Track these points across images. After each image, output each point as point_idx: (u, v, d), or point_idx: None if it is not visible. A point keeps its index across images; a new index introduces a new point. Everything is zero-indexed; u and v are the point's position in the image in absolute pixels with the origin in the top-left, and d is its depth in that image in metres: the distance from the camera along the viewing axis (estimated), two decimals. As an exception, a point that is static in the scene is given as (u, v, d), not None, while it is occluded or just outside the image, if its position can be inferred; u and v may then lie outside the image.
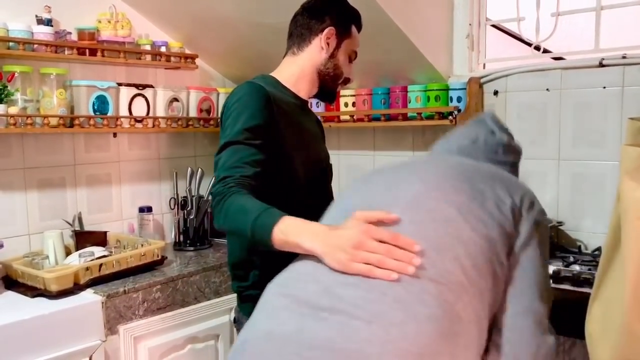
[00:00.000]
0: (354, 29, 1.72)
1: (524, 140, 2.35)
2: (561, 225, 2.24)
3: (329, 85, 1.71)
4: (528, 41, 2.52)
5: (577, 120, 2.24)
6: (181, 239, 2.76)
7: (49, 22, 2.34)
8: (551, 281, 1.85)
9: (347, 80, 1.74)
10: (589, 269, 1.91)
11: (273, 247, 1.20)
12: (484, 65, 2.56)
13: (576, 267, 1.94)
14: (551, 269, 1.90)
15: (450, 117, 2.38)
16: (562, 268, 1.90)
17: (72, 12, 2.49)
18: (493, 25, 2.83)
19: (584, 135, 2.23)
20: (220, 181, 1.37)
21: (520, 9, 2.41)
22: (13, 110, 2.19)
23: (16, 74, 2.22)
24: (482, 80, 2.43)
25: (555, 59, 2.47)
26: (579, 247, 2.20)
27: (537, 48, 2.40)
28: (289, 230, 1.18)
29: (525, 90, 2.36)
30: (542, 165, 2.33)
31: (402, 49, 2.38)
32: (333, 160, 2.94)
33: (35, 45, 2.27)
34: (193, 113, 2.82)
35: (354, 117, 2.67)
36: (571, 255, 2.10)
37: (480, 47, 2.55)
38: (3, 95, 2.15)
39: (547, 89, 2.29)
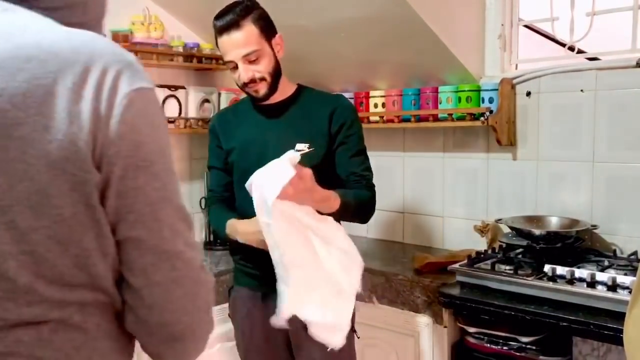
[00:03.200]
0: (219, 39, 1.76)
1: (557, 142, 2.33)
2: (595, 229, 2.20)
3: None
4: (562, 41, 2.48)
5: (613, 121, 2.19)
6: (211, 238, 2.79)
7: (84, 25, 2.39)
8: (585, 285, 1.83)
9: (244, 85, 1.78)
10: (625, 274, 1.87)
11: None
12: (516, 65, 2.53)
13: (611, 272, 1.90)
14: (585, 273, 1.87)
15: (482, 119, 2.36)
16: (596, 272, 1.86)
17: (106, 14, 2.53)
18: (525, 26, 2.80)
19: (619, 137, 2.18)
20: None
21: (554, 9, 2.37)
22: (50, 110, 2.24)
23: (53, 76, 2.27)
24: (514, 81, 2.40)
25: (590, 59, 2.42)
26: (614, 251, 2.16)
27: (571, 48, 2.36)
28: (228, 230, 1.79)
29: (559, 91, 2.32)
30: (576, 167, 2.29)
31: (433, 49, 2.36)
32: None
33: (72, 47, 2.32)
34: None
35: (384, 118, 2.66)
36: (606, 260, 2.06)
37: (512, 47, 2.52)
38: (40, 96, 2.20)
39: (582, 90, 2.25)
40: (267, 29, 1.75)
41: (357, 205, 1.77)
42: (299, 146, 1.63)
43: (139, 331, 0.82)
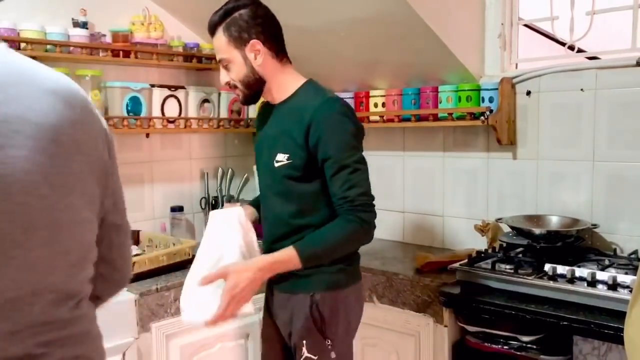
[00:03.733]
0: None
1: (557, 141, 2.33)
2: (596, 228, 2.20)
3: None
4: (562, 41, 2.48)
5: (613, 121, 2.19)
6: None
7: (84, 25, 2.39)
8: (585, 284, 1.83)
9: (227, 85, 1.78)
10: (625, 273, 1.87)
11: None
12: (516, 65, 2.53)
13: (612, 271, 1.90)
14: (585, 272, 1.87)
15: (482, 118, 2.36)
16: (597, 271, 1.86)
17: (106, 14, 2.53)
18: (525, 25, 2.79)
19: (620, 136, 2.18)
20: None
21: (554, 8, 2.37)
22: (50, 111, 2.24)
23: (53, 76, 2.27)
24: (514, 81, 2.40)
25: (590, 58, 2.42)
26: (614, 250, 2.16)
27: (571, 48, 2.36)
28: None
29: (559, 90, 2.32)
30: (576, 166, 2.29)
31: (433, 49, 2.36)
32: (362, 161, 2.95)
33: (71, 48, 2.32)
34: (224, 114, 2.85)
35: (384, 118, 2.66)
36: (606, 259, 2.07)
37: (512, 46, 2.52)
38: (40, 97, 2.20)
39: (582, 89, 2.25)
40: (237, 37, 1.68)
41: (327, 249, 1.61)
42: (279, 157, 1.67)
43: (104, 290, 1.07)
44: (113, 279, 1.09)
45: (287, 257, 1.59)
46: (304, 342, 1.69)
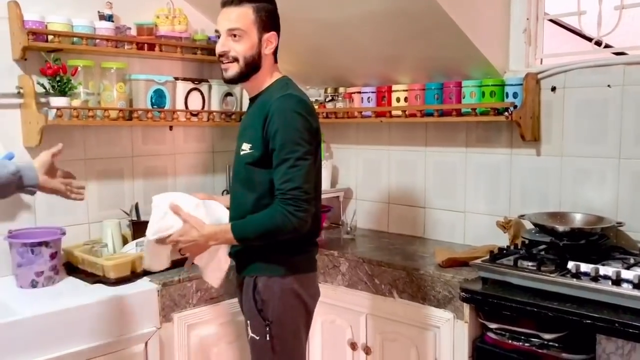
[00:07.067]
0: (219, 14, 1.84)
1: (582, 137, 2.30)
2: (621, 226, 2.17)
3: None
4: (588, 36, 2.44)
5: (640, 117, 2.16)
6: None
7: (110, 18, 2.41)
8: (610, 282, 1.81)
9: (218, 58, 1.86)
10: (651, 272, 1.85)
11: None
12: (541, 60, 2.50)
13: (637, 270, 1.87)
14: (610, 270, 1.85)
15: (506, 114, 2.34)
16: (622, 270, 1.84)
17: (131, 8, 2.56)
18: (551, 20, 2.76)
19: (647, 133, 2.15)
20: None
21: (581, 2, 2.34)
22: (76, 103, 2.27)
23: (79, 68, 2.30)
24: (539, 76, 2.37)
25: (617, 54, 2.38)
26: (640, 248, 2.13)
27: (598, 43, 2.33)
28: None
29: (585, 86, 2.29)
30: (601, 164, 2.26)
31: (457, 43, 2.34)
32: (383, 155, 2.95)
33: (97, 40, 2.35)
34: (246, 107, 2.86)
35: (406, 113, 2.65)
36: (632, 257, 2.03)
37: (537, 42, 2.49)
38: (67, 89, 2.23)
39: (609, 86, 2.22)
40: (264, 22, 1.80)
41: (255, 232, 1.75)
42: (244, 146, 1.81)
43: None
44: None
45: (225, 230, 1.78)
46: (249, 322, 1.85)
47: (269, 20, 1.81)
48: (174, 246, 1.83)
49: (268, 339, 1.79)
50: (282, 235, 1.74)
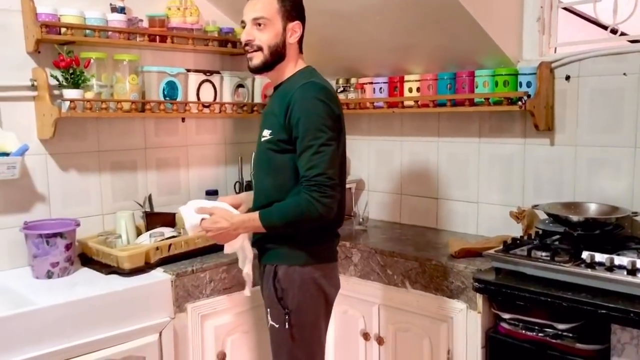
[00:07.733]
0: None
1: (597, 127, 2.28)
2: (636, 216, 2.15)
3: None
4: (604, 24, 2.41)
5: (656, 106, 2.13)
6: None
7: (122, 10, 2.42)
8: (625, 272, 1.79)
9: (243, 47, 1.89)
10: (667, 262, 1.83)
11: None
12: (555, 49, 2.47)
13: (652, 259, 1.86)
14: (625, 260, 1.83)
15: (520, 103, 2.32)
16: (637, 260, 1.82)
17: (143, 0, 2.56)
18: (564, 8, 2.72)
19: (663, 122, 2.12)
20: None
21: (596, -10, 2.31)
22: (89, 95, 2.28)
23: (92, 60, 2.31)
24: (553, 65, 2.35)
25: (633, 42, 2.35)
26: (655, 238, 2.11)
27: (614, 31, 2.30)
28: None
29: (600, 75, 2.26)
30: (616, 153, 2.24)
31: (470, 32, 2.32)
32: (395, 146, 2.95)
33: (110, 33, 2.36)
34: (258, 99, 2.87)
35: (419, 103, 2.63)
36: (647, 247, 2.02)
37: (551, 30, 2.46)
38: (80, 81, 2.24)
39: (625, 74, 2.19)
40: (288, 10, 1.83)
41: (282, 219, 1.78)
42: (265, 132, 1.84)
43: None
44: None
45: (253, 218, 1.81)
46: (269, 310, 1.88)
47: (293, 10, 1.85)
48: (205, 234, 1.89)
49: (287, 327, 1.81)
50: (308, 222, 1.75)
